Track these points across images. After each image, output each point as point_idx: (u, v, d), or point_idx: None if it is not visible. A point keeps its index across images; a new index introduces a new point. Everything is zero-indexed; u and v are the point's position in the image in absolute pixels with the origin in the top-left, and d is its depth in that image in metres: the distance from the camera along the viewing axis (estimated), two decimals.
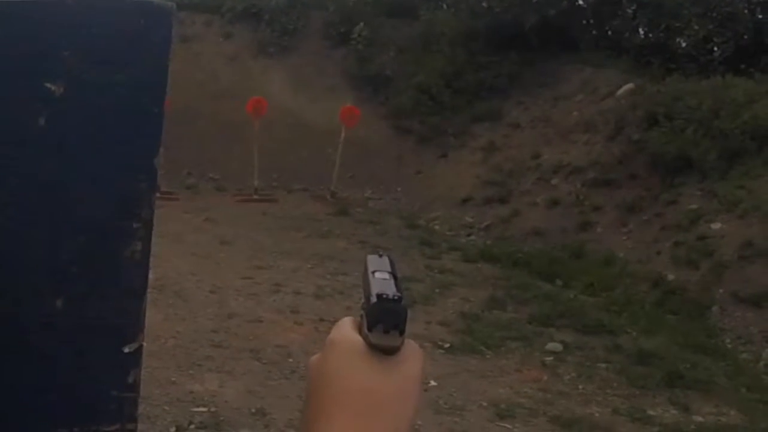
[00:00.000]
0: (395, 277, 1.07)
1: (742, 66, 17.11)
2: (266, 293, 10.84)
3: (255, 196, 17.68)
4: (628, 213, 14.48)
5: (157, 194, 1.58)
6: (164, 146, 1.57)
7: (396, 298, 1.00)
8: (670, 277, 12.20)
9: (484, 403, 8.02)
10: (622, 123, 16.40)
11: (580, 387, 8.73)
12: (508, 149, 18.55)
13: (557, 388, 8.63)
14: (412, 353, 1.03)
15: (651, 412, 8.23)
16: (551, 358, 9.47)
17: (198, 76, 20.13)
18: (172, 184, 16.56)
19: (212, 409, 7.26)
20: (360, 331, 1.03)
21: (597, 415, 8.07)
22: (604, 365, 9.38)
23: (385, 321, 1.00)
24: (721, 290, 11.47)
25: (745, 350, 10.43)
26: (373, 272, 1.08)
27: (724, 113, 14.45)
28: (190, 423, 7.00)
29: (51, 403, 1.55)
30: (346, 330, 1.05)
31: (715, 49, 18.61)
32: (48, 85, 1.46)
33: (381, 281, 1.05)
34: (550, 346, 9.78)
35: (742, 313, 11.01)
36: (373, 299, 1.00)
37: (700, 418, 8.24)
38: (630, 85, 17.68)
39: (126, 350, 1.58)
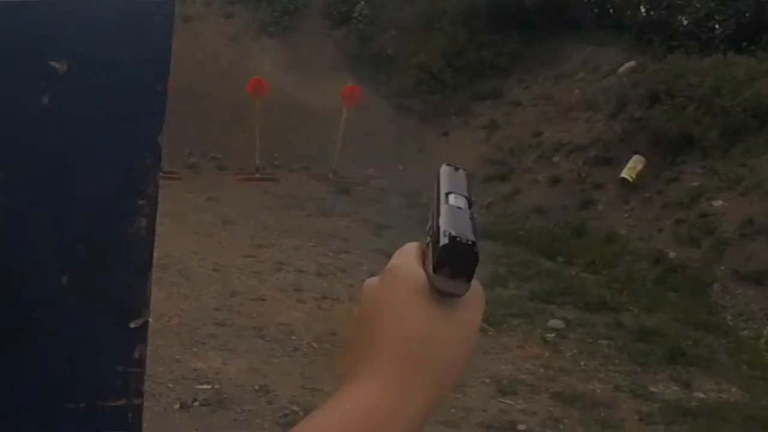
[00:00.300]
0: (470, 204, 1.02)
1: (744, 44, 17.04)
2: (269, 272, 10.86)
3: (257, 175, 17.67)
4: (630, 191, 14.47)
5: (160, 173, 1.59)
6: (166, 126, 1.59)
7: (470, 243, 0.93)
8: (672, 254, 12.21)
9: (486, 380, 8.05)
10: (624, 101, 16.36)
11: (582, 364, 8.77)
12: (510, 127, 18.52)
13: (559, 365, 8.66)
14: (475, 299, 0.98)
15: (652, 389, 8.27)
16: (553, 335, 9.51)
17: (199, 56, 20.08)
18: (174, 164, 16.55)
19: (216, 387, 7.30)
20: (424, 263, 0.97)
21: (598, 391, 8.11)
22: (605, 342, 9.41)
23: (454, 265, 0.92)
24: (722, 267, 11.48)
25: (746, 327, 10.45)
26: (447, 194, 1.02)
27: (726, 91, 14.42)
28: (194, 400, 7.04)
29: (57, 379, 1.57)
30: (410, 262, 0.98)
31: (717, 26, 18.54)
32: (52, 63, 1.47)
33: (455, 212, 0.99)
34: (552, 323, 9.81)
35: (743, 291, 11.03)
36: (444, 239, 0.93)
37: (701, 395, 8.28)
38: (631, 63, 17.63)
39: (132, 326, 1.59)
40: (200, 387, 7.28)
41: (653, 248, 12.60)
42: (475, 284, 0.96)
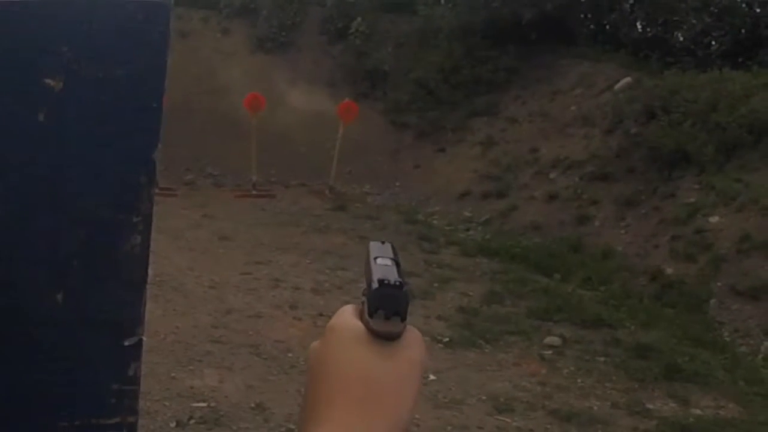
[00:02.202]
0: (397, 264, 1.06)
1: (740, 59, 17.12)
2: (265, 288, 10.85)
3: (253, 192, 17.67)
4: (626, 207, 14.48)
5: (156, 190, 1.59)
6: (162, 142, 1.58)
7: (397, 283, 0.99)
8: (668, 270, 12.21)
9: (483, 397, 8.04)
10: (620, 117, 16.38)
11: (579, 381, 8.75)
12: (506, 144, 18.55)
13: (556, 382, 8.64)
14: (414, 339, 1.02)
15: (649, 406, 8.25)
16: (550, 352, 9.49)
17: (195, 72, 20.11)
18: (170, 180, 16.56)
19: (212, 404, 7.27)
20: (361, 318, 1.02)
21: (596, 408, 8.09)
22: (602, 359, 9.40)
23: (386, 307, 0.98)
24: (719, 283, 11.48)
25: (744, 343, 10.44)
26: (375, 258, 1.07)
27: (722, 107, 14.45)
28: (190, 418, 7.01)
29: (52, 395, 1.57)
30: (347, 316, 1.04)
31: (713, 42, 18.62)
32: (47, 80, 1.47)
33: (383, 267, 1.04)
34: (549, 340, 9.79)
35: (740, 306, 11.03)
36: (375, 285, 0.99)
37: (698, 411, 8.26)
38: (628, 79, 17.67)
39: (126, 343, 1.59)
40: (196, 405, 7.25)
41: (650, 264, 12.60)
42: (412, 328, 1.02)
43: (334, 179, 18.23)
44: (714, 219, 12.64)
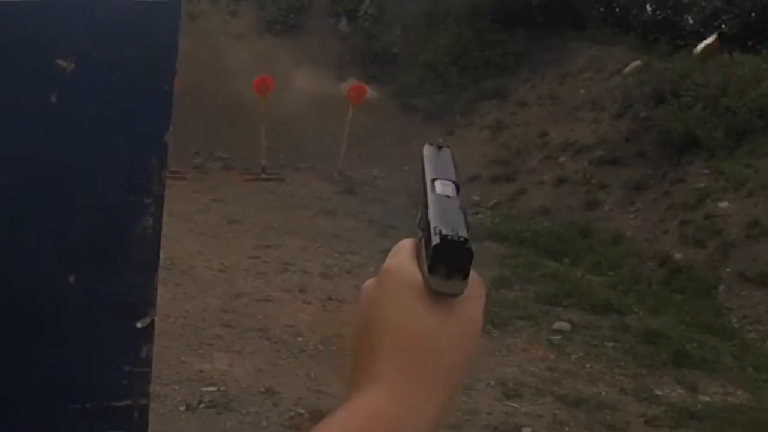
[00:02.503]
0: (458, 188, 1.00)
1: (750, 43, 17.04)
2: (274, 272, 10.86)
3: (262, 175, 17.66)
4: (635, 191, 14.45)
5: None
6: (172, 125, 1.58)
7: (462, 239, 0.90)
8: (677, 256, 12.19)
9: (492, 382, 8.04)
10: (629, 101, 16.33)
11: (587, 366, 8.75)
12: (515, 127, 18.51)
13: (564, 367, 8.65)
14: (474, 294, 0.95)
15: (658, 392, 8.25)
16: (558, 337, 9.49)
17: (204, 55, 20.07)
18: (180, 164, 16.56)
19: (221, 388, 7.30)
20: (419, 262, 0.96)
21: (604, 394, 8.10)
22: (611, 344, 9.39)
23: (448, 265, 0.91)
24: (727, 269, 11.46)
25: (752, 329, 10.43)
26: (434, 181, 1.00)
27: (732, 91, 14.40)
28: (200, 402, 7.04)
29: (64, 378, 1.57)
30: (405, 262, 0.98)
31: (723, 26, 18.52)
32: (59, 62, 1.47)
33: (444, 203, 0.97)
34: (557, 325, 9.79)
35: (749, 293, 11.01)
36: (436, 239, 0.91)
37: (706, 398, 8.26)
38: (637, 63, 17.60)
39: (138, 325, 1.59)
40: (206, 389, 7.27)
41: (659, 250, 12.58)
42: (474, 278, 0.94)
43: (343, 163, 18.21)
44: (723, 204, 12.61)
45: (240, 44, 22.17)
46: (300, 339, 8.57)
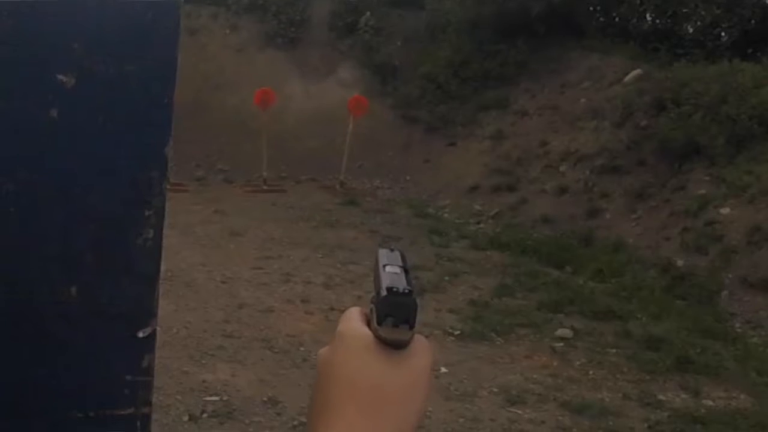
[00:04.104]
0: (406, 272, 1.06)
1: (750, 51, 17.10)
2: (276, 283, 10.88)
3: (264, 187, 17.69)
4: (637, 199, 14.47)
5: (167, 185, 1.62)
6: (173, 138, 1.61)
7: (406, 291, 0.99)
8: (679, 262, 12.21)
9: (495, 389, 8.06)
10: (630, 109, 16.36)
11: (590, 372, 8.76)
12: (516, 137, 18.53)
13: (567, 374, 8.66)
14: (422, 347, 1.03)
15: (661, 397, 8.26)
16: (561, 344, 9.51)
17: (205, 69, 20.13)
18: (181, 177, 16.61)
19: (224, 398, 7.31)
20: (369, 324, 1.03)
21: (607, 400, 8.11)
22: (613, 351, 9.40)
23: (395, 315, 0.99)
24: (730, 275, 11.48)
25: (755, 334, 10.44)
26: (384, 266, 1.07)
27: (732, 98, 14.42)
28: (203, 412, 7.05)
29: (66, 388, 1.59)
30: (355, 322, 1.05)
31: (722, 34, 18.56)
32: (59, 77, 1.49)
33: (392, 275, 1.04)
34: (560, 332, 9.81)
35: (752, 298, 11.03)
36: (383, 292, 1.00)
37: (710, 403, 8.27)
38: (637, 72, 17.63)
39: (140, 335, 1.61)
40: (209, 399, 7.29)
41: (661, 257, 12.60)
42: (420, 336, 1.03)
43: (345, 174, 18.25)
44: (725, 211, 12.63)
45: (240, 58, 22.22)
46: (302, 349, 8.58)
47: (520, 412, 7.70)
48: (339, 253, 12.61)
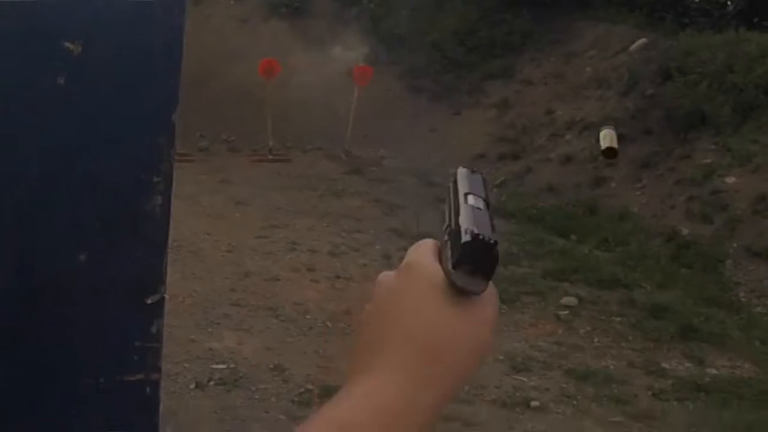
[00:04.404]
0: (489, 206, 1.01)
1: (756, 20, 16.98)
2: (282, 252, 10.89)
3: (269, 157, 17.67)
4: (642, 168, 14.44)
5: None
6: (179, 107, 1.61)
7: (492, 242, 0.94)
8: (684, 231, 12.20)
9: (500, 357, 8.08)
10: (636, 78, 16.30)
11: (595, 340, 8.79)
12: (522, 106, 18.47)
13: (572, 342, 8.69)
14: (491, 298, 0.98)
15: (665, 365, 8.29)
16: (566, 312, 9.52)
17: (209, 39, 20.03)
18: (186, 147, 16.57)
19: (231, 366, 7.35)
20: (440, 260, 0.97)
21: (612, 367, 8.14)
22: (618, 319, 9.42)
23: (474, 263, 0.93)
24: (734, 244, 11.47)
25: (759, 303, 10.45)
26: (467, 195, 1.01)
27: (738, 67, 14.35)
28: (210, 379, 7.09)
29: (76, 353, 1.60)
30: (427, 257, 0.98)
31: (728, 3, 18.44)
32: (66, 44, 1.50)
33: (475, 211, 0.98)
34: (565, 300, 9.82)
35: (756, 267, 11.03)
36: (467, 236, 0.93)
37: (714, 371, 8.30)
38: (643, 41, 17.54)
39: (149, 301, 1.63)
40: (215, 366, 7.33)
41: (666, 225, 12.59)
42: (491, 286, 0.97)
43: (350, 143, 18.22)
44: (730, 180, 12.61)
45: (245, 28, 22.14)
46: (308, 317, 8.61)
47: (524, 379, 7.74)
48: (344, 222, 12.61)
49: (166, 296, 1.65)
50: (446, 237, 0.98)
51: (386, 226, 12.17)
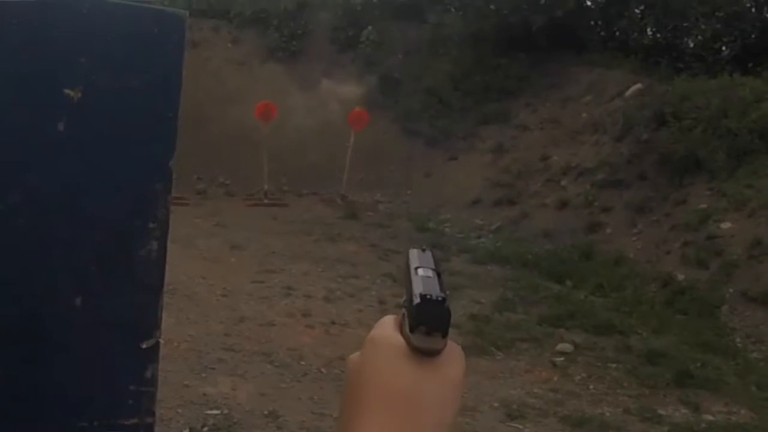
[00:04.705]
0: (438, 275, 1.05)
1: (750, 65, 17.11)
2: (277, 297, 10.88)
3: (265, 201, 17.72)
4: (638, 213, 14.48)
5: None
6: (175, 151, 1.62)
7: (440, 299, 0.98)
8: (680, 276, 12.20)
9: (495, 404, 8.04)
10: (631, 123, 16.38)
11: (591, 387, 8.75)
12: (517, 151, 18.55)
13: (568, 389, 8.65)
14: (454, 355, 1.01)
15: (661, 412, 8.25)
16: (561, 359, 9.50)
17: (207, 82, 20.13)
18: (182, 189, 16.59)
19: (225, 412, 7.30)
20: (401, 331, 1.01)
21: (608, 414, 8.10)
22: (614, 365, 9.39)
23: (428, 323, 0.97)
24: (730, 289, 11.47)
25: (755, 349, 10.43)
26: (416, 269, 1.05)
27: (732, 112, 14.44)
28: (204, 425, 7.04)
29: (71, 396, 1.60)
30: (388, 329, 1.03)
31: (723, 48, 18.60)
32: (66, 91, 1.51)
33: (425, 279, 1.02)
34: (561, 346, 9.80)
35: (752, 312, 11.01)
36: (417, 299, 0.98)
37: (710, 417, 8.25)
38: (638, 86, 17.67)
39: (143, 346, 1.63)
40: (210, 412, 7.28)
41: (661, 271, 12.59)
42: (453, 343, 1.01)
43: (346, 187, 18.27)
44: (725, 225, 12.64)
45: (242, 71, 22.27)
46: (303, 363, 8.58)
47: (520, 426, 7.69)
48: (340, 267, 12.62)
49: (161, 341, 1.65)
50: (403, 310, 1.02)
51: (382, 271, 12.16)
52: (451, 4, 24.66)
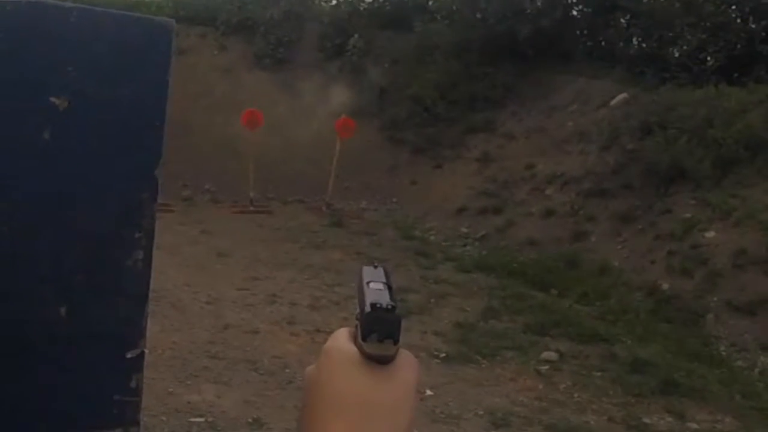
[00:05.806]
0: (390, 288, 1.08)
1: (735, 75, 17.17)
2: (262, 304, 10.86)
3: (251, 208, 17.70)
4: (623, 222, 14.51)
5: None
6: (162, 159, 1.62)
7: (390, 307, 1.01)
8: (665, 285, 12.23)
9: (480, 412, 8.05)
10: (616, 133, 16.43)
11: (576, 395, 8.76)
12: (503, 160, 18.58)
13: (553, 397, 8.66)
14: (407, 362, 1.04)
15: (646, 420, 8.26)
16: (546, 367, 9.50)
17: (193, 89, 20.11)
18: (168, 196, 16.56)
19: (209, 419, 7.28)
20: (355, 341, 1.04)
21: (592, 423, 8.10)
22: (599, 374, 9.41)
23: (379, 330, 1.00)
24: (715, 298, 11.50)
25: (740, 357, 10.46)
26: (368, 283, 1.09)
27: (718, 122, 14.50)
28: None
29: (55, 406, 1.59)
30: (341, 340, 1.06)
31: (708, 58, 18.64)
32: (52, 99, 1.51)
33: (375, 291, 1.06)
34: (546, 355, 9.80)
35: (737, 321, 11.05)
36: (367, 309, 1.01)
37: (695, 426, 8.27)
38: (624, 95, 17.73)
39: (128, 355, 1.62)
40: (194, 420, 7.27)
41: (646, 280, 12.62)
42: (404, 350, 1.04)
43: (332, 195, 18.27)
44: (710, 234, 12.67)
45: (229, 78, 22.25)
46: (288, 371, 8.57)
47: None
48: (325, 275, 12.61)
49: (146, 351, 1.64)
50: (356, 322, 1.06)
51: None
52: (437, 14, 24.71)
